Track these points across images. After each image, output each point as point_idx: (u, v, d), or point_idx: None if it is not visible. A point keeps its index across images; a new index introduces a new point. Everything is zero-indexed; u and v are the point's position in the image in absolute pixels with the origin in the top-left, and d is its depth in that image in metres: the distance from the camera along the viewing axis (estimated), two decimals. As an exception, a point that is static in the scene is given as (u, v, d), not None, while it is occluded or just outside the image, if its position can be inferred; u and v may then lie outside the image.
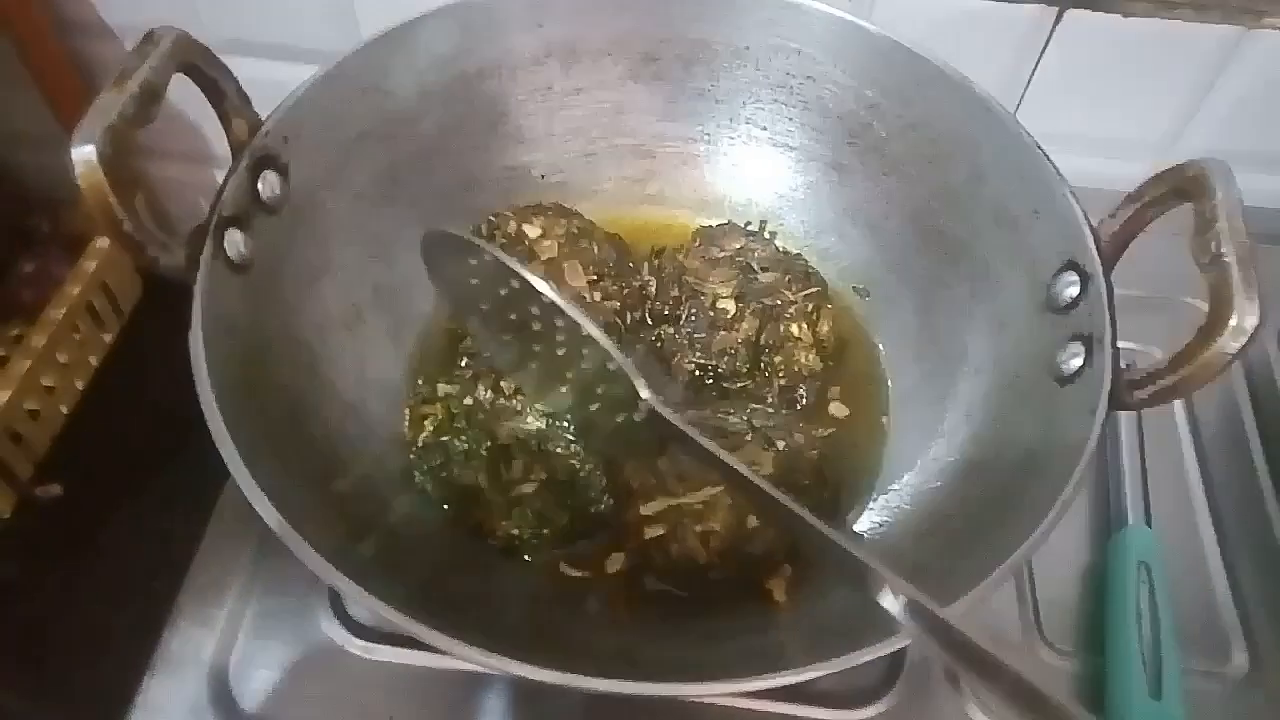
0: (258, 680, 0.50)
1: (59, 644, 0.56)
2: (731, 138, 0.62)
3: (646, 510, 0.48)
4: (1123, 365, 0.42)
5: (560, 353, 0.46)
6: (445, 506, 0.50)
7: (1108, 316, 0.43)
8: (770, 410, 0.53)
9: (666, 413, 0.44)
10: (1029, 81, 0.66)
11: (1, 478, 0.61)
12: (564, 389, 0.49)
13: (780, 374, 0.56)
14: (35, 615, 0.58)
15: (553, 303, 0.43)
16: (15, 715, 0.54)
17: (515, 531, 0.49)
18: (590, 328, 0.43)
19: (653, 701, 0.49)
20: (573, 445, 0.50)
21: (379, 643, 0.51)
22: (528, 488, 0.50)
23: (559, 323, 0.45)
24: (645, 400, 0.44)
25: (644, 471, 0.49)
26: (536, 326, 0.46)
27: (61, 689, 0.55)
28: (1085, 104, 0.67)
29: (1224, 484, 0.60)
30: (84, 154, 0.36)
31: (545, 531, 0.49)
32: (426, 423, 0.52)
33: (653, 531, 0.47)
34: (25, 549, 0.61)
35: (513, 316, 0.46)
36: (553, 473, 0.50)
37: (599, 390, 0.46)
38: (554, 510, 0.50)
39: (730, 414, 0.51)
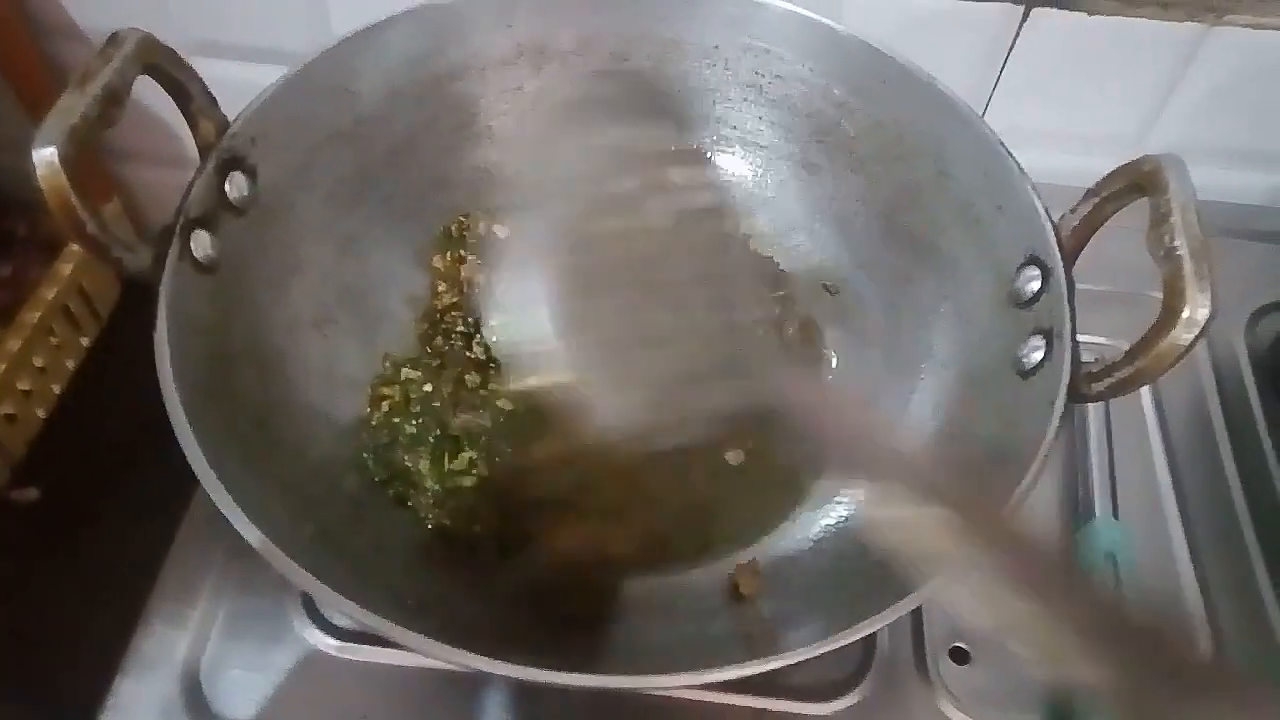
0: (230, 680, 0.50)
1: (32, 645, 0.56)
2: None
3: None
4: (1091, 359, 0.43)
5: None
6: (389, 490, 0.51)
7: (1067, 309, 0.44)
8: None
9: None
10: (997, 80, 0.67)
11: (-23, 482, 0.61)
12: None
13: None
14: (9, 618, 0.58)
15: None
16: (-13, 718, 0.54)
17: (447, 522, 0.50)
18: None
19: (625, 697, 0.50)
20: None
21: (353, 642, 0.51)
22: (467, 481, 0.50)
23: None
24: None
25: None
26: None
27: (34, 690, 0.55)
28: (1053, 101, 0.68)
29: (1191, 476, 0.60)
30: (45, 155, 0.36)
31: (476, 528, 0.49)
32: (384, 404, 0.52)
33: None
34: (1, 552, 0.61)
35: None
36: (494, 472, 0.50)
37: None
38: (487, 509, 0.50)
39: None
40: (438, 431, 0.51)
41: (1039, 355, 0.45)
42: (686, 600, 0.47)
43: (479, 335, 0.55)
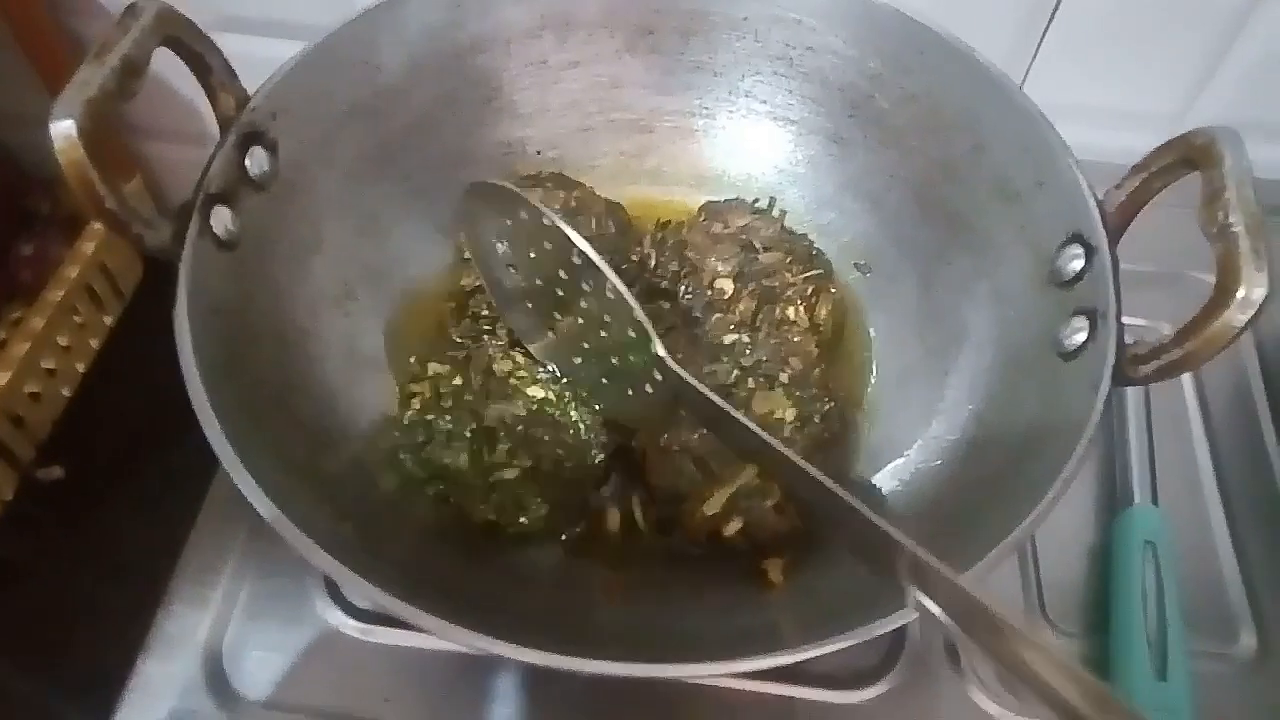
0: (252, 661, 0.50)
1: (56, 624, 0.57)
2: (730, 111, 0.61)
3: (711, 509, 0.47)
4: (1128, 341, 0.41)
5: (581, 321, 0.48)
6: (429, 489, 0.50)
7: (1112, 290, 0.42)
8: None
9: (680, 371, 0.44)
10: (1036, 52, 0.65)
11: (3, 460, 0.61)
12: (580, 359, 0.50)
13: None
14: (34, 596, 0.58)
15: (583, 263, 0.45)
16: (12, 694, 0.54)
17: (492, 516, 0.48)
18: (615, 281, 0.44)
19: (650, 683, 0.49)
20: (560, 434, 0.50)
21: (374, 624, 0.51)
22: (509, 473, 0.49)
23: (586, 286, 0.46)
24: (660, 356, 0.45)
25: (673, 474, 0.49)
26: (561, 292, 0.48)
27: (58, 669, 0.55)
28: (1094, 74, 0.66)
29: (1233, 462, 0.59)
30: (62, 128, 0.35)
31: (522, 520, 0.48)
32: (414, 401, 0.51)
33: (732, 527, 0.47)
34: (26, 530, 0.61)
35: (539, 281, 0.49)
36: (537, 460, 0.49)
37: (614, 361, 0.47)
38: (532, 500, 0.49)
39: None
40: (473, 425, 0.50)
41: (1082, 336, 0.43)
42: (714, 587, 0.47)
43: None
